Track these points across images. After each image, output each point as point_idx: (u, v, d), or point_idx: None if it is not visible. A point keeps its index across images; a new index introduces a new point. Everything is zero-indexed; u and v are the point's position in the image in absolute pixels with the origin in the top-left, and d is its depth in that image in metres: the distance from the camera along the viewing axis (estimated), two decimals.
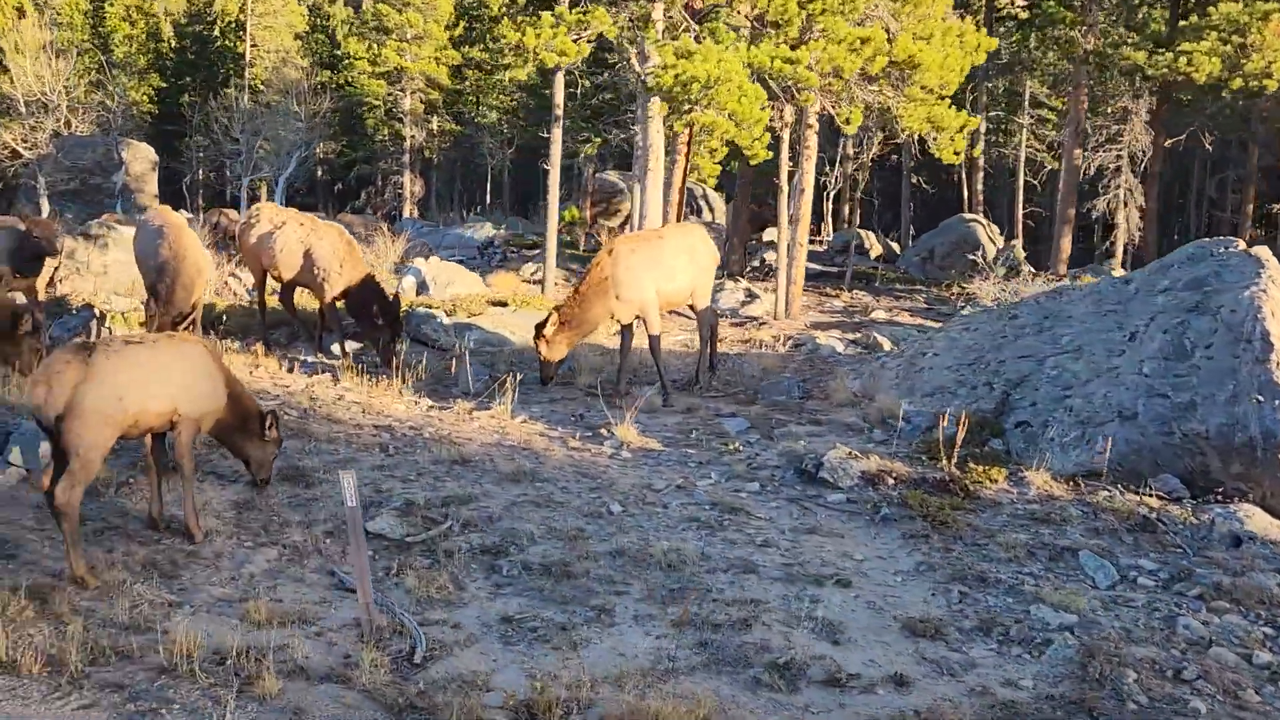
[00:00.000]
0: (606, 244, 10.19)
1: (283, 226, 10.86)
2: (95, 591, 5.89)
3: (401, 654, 5.29)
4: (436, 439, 8.69)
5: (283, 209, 11.53)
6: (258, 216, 11.18)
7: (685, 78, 11.14)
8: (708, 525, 6.95)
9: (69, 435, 5.85)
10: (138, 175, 34.78)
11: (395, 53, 41.76)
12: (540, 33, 11.44)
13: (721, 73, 11.37)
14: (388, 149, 44.70)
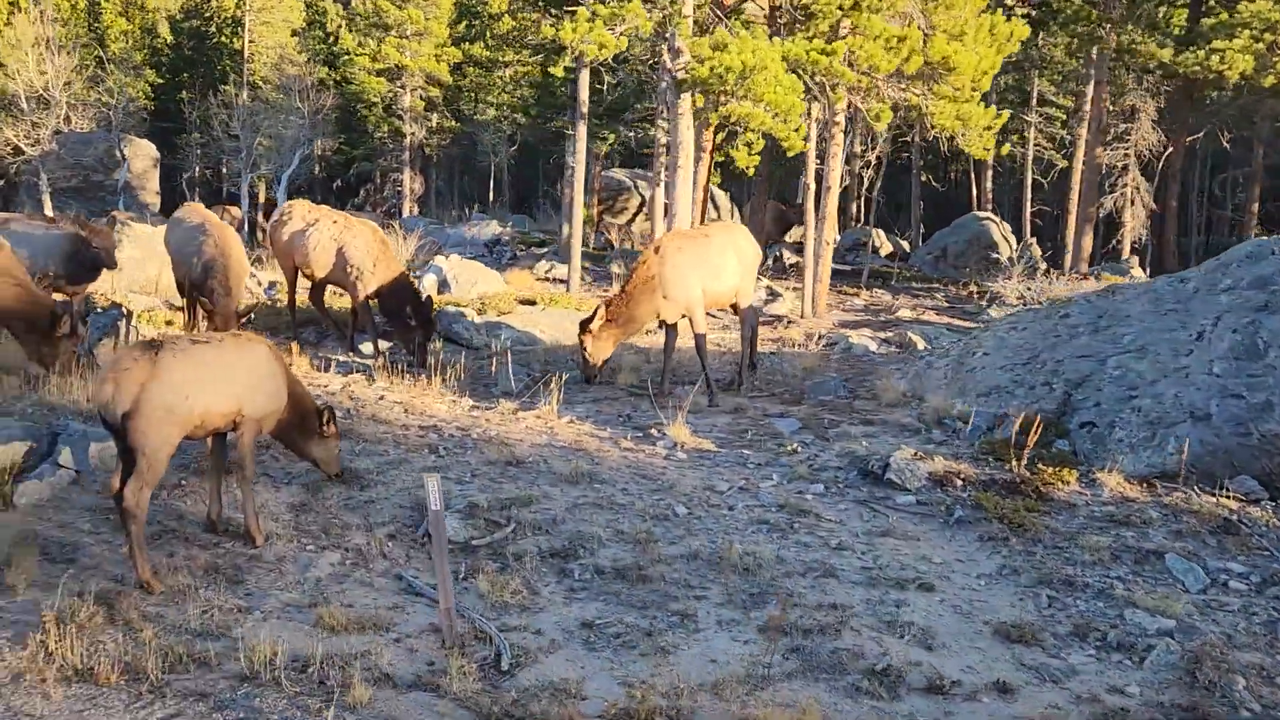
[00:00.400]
0: (653, 242, 10.10)
1: (315, 224, 10.73)
2: (160, 597, 5.80)
3: (487, 661, 5.19)
4: (486, 440, 8.59)
5: (315, 206, 11.40)
6: (290, 214, 11.05)
7: (720, 69, 11.04)
8: (777, 528, 6.86)
9: (135, 434, 5.75)
10: (139, 172, 34.65)
11: (396, 49, 41.64)
12: (577, 27, 11.34)
13: (757, 62, 11.27)
14: (387, 146, 44.58)
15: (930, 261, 28.76)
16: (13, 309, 8.30)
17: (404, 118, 42.00)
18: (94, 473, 7.28)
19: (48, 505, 6.81)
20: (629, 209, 35.58)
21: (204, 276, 9.27)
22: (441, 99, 44.08)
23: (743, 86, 11.07)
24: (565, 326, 13.76)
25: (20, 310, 8.32)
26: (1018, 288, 18.96)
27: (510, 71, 46.68)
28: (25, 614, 5.50)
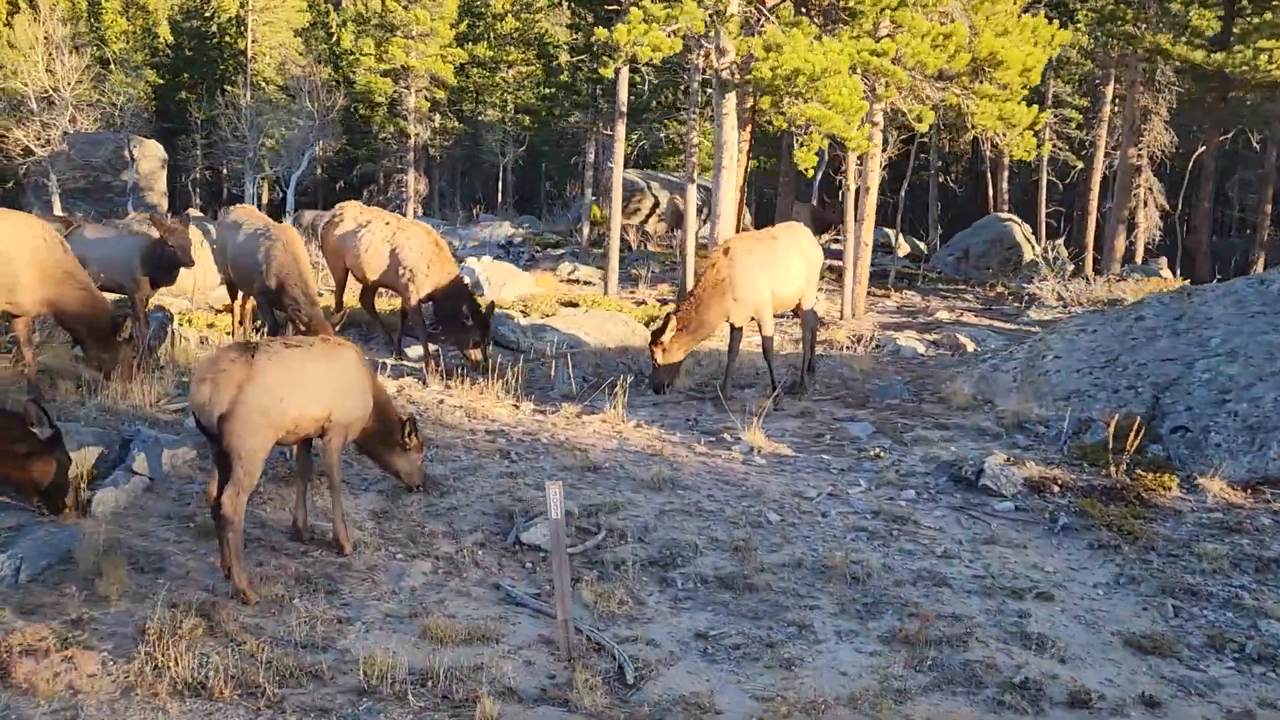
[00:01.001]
0: (722, 244, 9.98)
1: (368, 225, 10.59)
2: (256, 607, 5.68)
3: (609, 674, 5.07)
4: (557, 444, 8.48)
5: (366, 207, 11.26)
6: (341, 215, 10.90)
7: (785, 70, 10.95)
8: (877, 535, 6.75)
9: (231, 437, 5.64)
10: (147, 173, 34.54)
11: (402, 50, 41.62)
12: (631, 29, 11.25)
13: (829, 64, 11.19)
14: (391, 147, 44.54)
15: (951, 263, 28.71)
16: (76, 313, 8.18)
17: (408, 118, 41.95)
18: (168, 479, 7.17)
19: (125, 513, 6.68)
20: (642, 210, 35.49)
21: (280, 286, 9.09)
22: (446, 100, 44.07)
23: (812, 89, 10.96)
24: (609, 329, 13.66)
25: (84, 314, 8.20)
26: (1055, 289, 18.86)
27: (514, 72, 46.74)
28: (120, 625, 5.39)
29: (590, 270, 23.27)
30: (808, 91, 11.01)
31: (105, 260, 9.23)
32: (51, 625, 5.27)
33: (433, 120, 43.81)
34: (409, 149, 43.10)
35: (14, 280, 8.02)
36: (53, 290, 8.14)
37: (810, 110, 11.21)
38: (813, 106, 11.18)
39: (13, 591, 5.73)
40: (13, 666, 4.88)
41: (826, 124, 11.32)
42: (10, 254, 7.99)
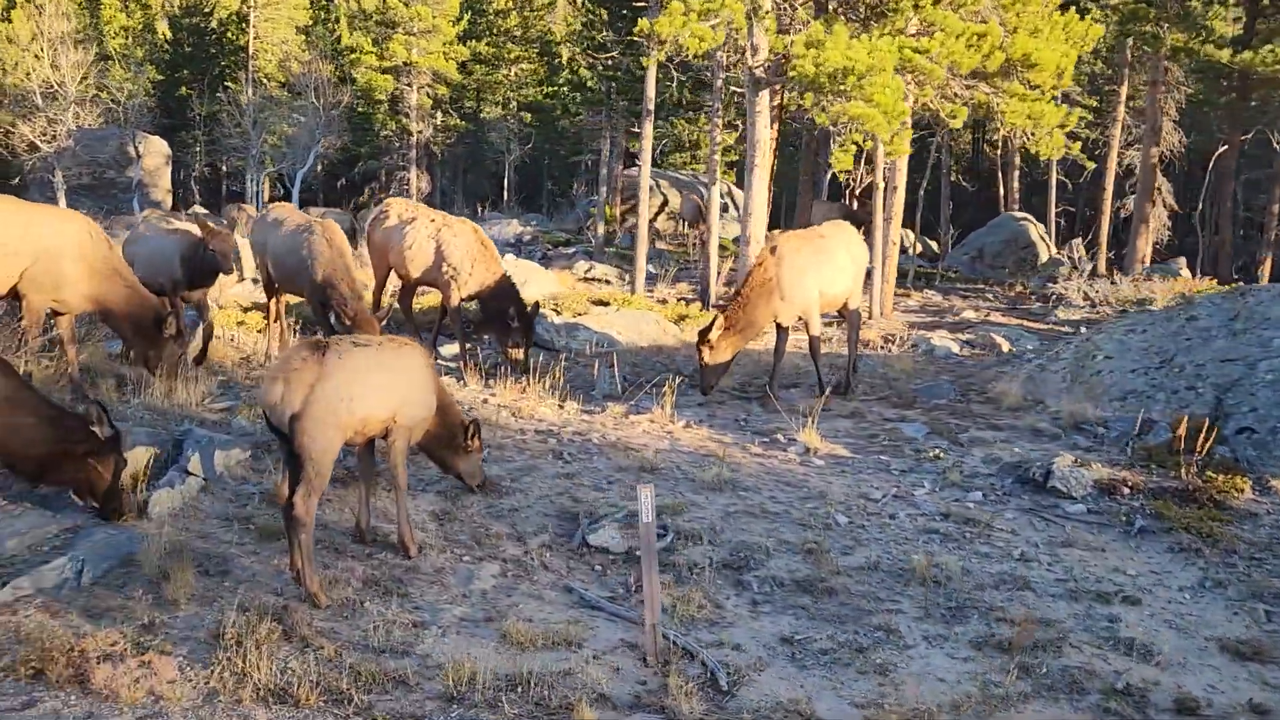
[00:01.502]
0: (769, 243, 9.90)
1: (413, 222, 10.49)
2: (327, 610, 5.59)
3: (702, 680, 4.98)
4: (609, 445, 8.39)
5: (412, 204, 11.16)
6: (387, 212, 10.79)
7: (830, 67, 10.86)
8: (950, 538, 6.68)
9: (303, 437, 5.54)
10: (151, 170, 34.44)
11: (403, 47, 41.55)
12: (672, 20, 11.16)
13: (875, 62, 11.11)
14: (393, 144, 44.46)
15: (967, 262, 28.68)
16: (122, 310, 8.10)
17: (410, 116, 41.87)
18: (222, 480, 7.08)
19: (182, 515, 6.59)
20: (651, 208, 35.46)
21: (326, 282, 8.98)
22: (448, 97, 44.00)
23: (858, 87, 10.88)
24: (641, 328, 13.59)
25: (129, 312, 8.11)
26: (1081, 289, 18.81)
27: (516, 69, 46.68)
28: (192, 629, 5.30)
29: (606, 268, 23.18)
30: (853, 90, 10.92)
31: (148, 259, 9.13)
32: (122, 630, 5.19)
33: (434, 118, 43.75)
34: (411, 146, 43.01)
35: (61, 277, 7.94)
36: (99, 287, 8.06)
37: (854, 109, 11.13)
38: (856, 105, 11.10)
39: (77, 594, 5.64)
40: (90, 672, 4.79)
41: (870, 123, 11.24)
42: (58, 250, 7.91)
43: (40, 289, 7.92)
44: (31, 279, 7.86)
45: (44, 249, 7.83)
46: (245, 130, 36.62)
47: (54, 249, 7.87)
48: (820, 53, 11.00)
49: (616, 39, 17.95)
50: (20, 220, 7.88)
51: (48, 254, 7.85)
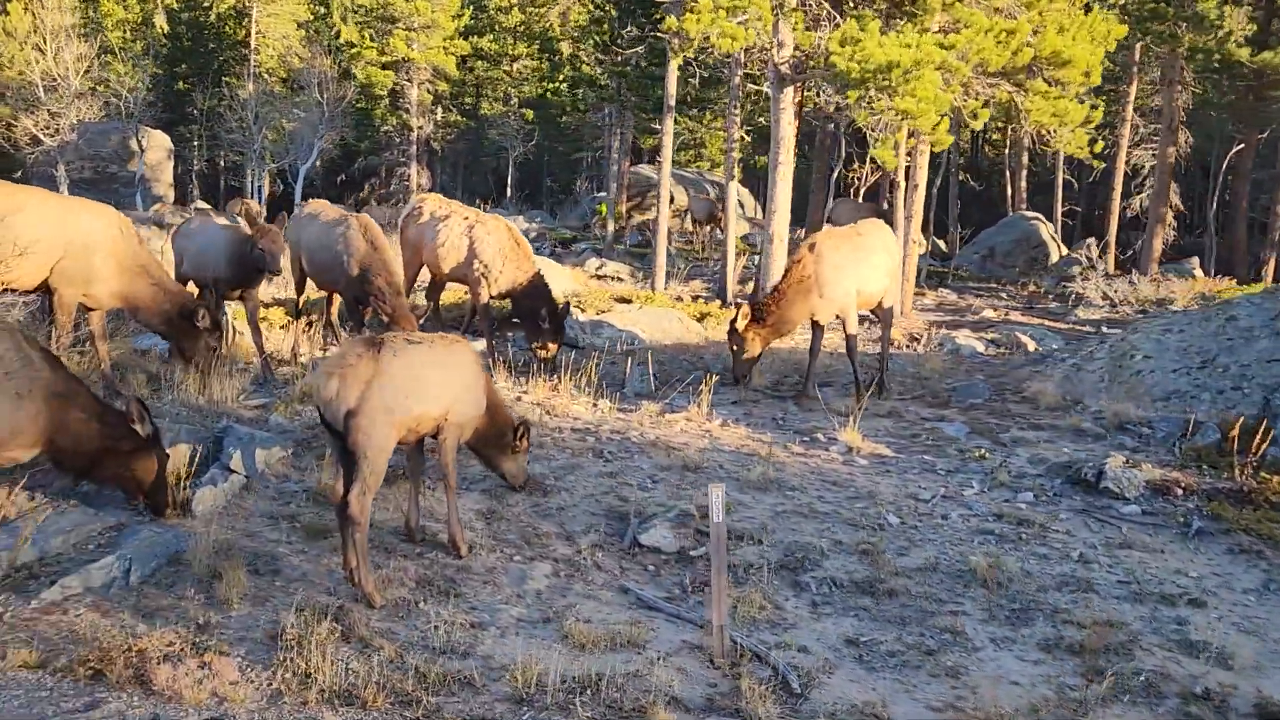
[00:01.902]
0: (807, 240, 9.84)
1: (447, 219, 10.41)
2: (382, 611, 5.52)
3: (772, 682, 4.93)
4: (649, 444, 8.33)
5: (447, 200, 11.08)
6: (421, 208, 10.71)
7: (872, 64, 10.80)
8: (1006, 539, 6.63)
9: (358, 434, 5.48)
10: (153, 164, 34.34)
11: (403, 42, 41.48)
12: (700, 18, 11.09)
13: (922, 57, 11.05)
14: (393, 140, 44.38)
15: (977, 261, 28.64)
16: (151, 307, 8.02)
17: (411, 111, 41.78)
18: (263, 478, 7.01)
19: (225, 513, 6.53)
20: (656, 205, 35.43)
21: (363, 276, 8.88)
22: (449, 93, 43.94)
23: (904, 83, 10.82)
24: (664, 326, 13.54)
25: (159, 309, 8.03)
26: (1100, 288, 18.77)
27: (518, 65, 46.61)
28: (247, 630, 5.25)
29: (617, 265, 23.12)
30: (899, 85, 10.86)
31: (197, 254, 9.01)
32: (177, 630, 5.12)
33: (435, 113, 43.67)
34: (411, 142, 42.92)
35: (91, 272, 7.86)
36: (127, 284, 7.98)
37: (901, 104, 11.07)
38: (903, 100, 11.04)
39: (126, 594, 5.58)
40: (150, 673, 4.73)
41: (918, 118, 11.18)
42: (91, 245, 7.83)
43: (71, 283, 7.84)
44: (63, 272, 7.79)
45: (75, 242, 7.76)
46: (247, 125, 36.50)
47: (88, 244, 7.80)
48: (856, 50, 10.93)
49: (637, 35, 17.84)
50: (54, 213, 7.81)
51: (79, 248, 7.78)
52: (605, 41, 23.75)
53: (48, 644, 4.97)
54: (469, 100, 46.57)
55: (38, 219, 7.66)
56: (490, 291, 10.25)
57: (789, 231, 14.92)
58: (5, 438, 5.07)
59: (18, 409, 5.08)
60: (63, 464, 5.63)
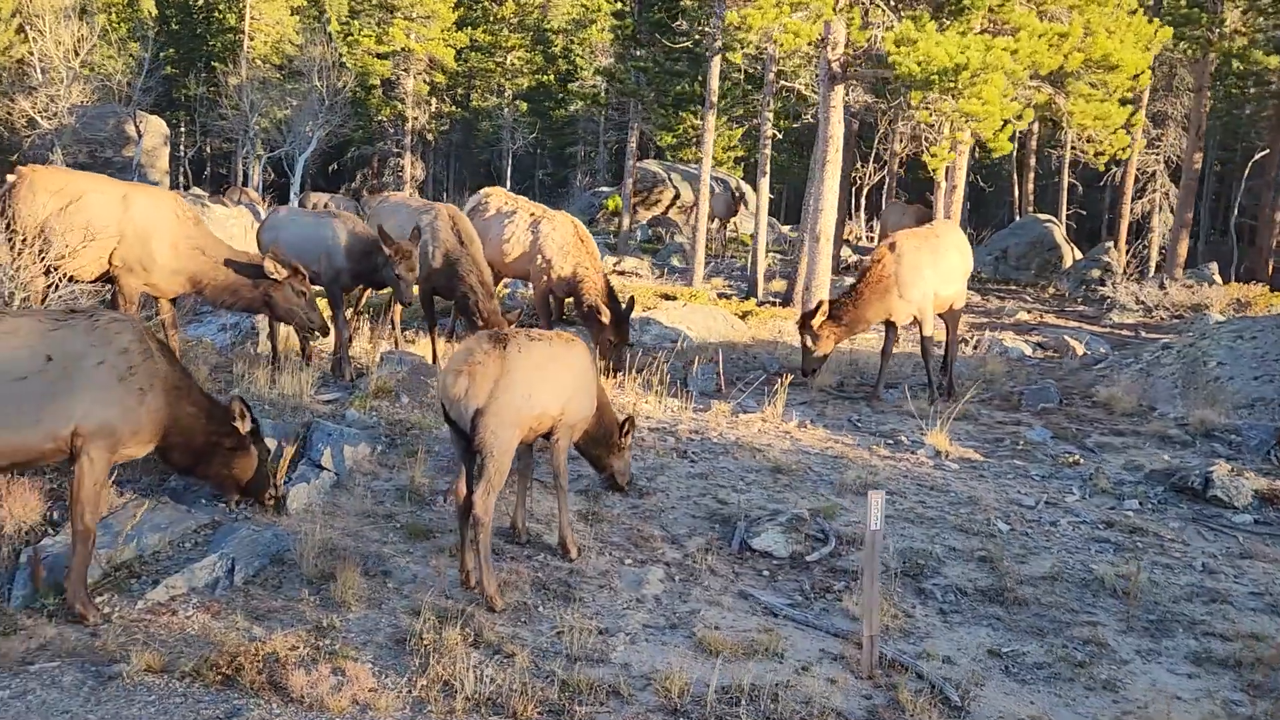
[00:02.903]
0: (887, 239, 9.74)
1: (513, 214, 10.24)
2: (504, 615, 5.39)
3: (928, 694, 4.82)
4: (732, 445, 8.22)
5: (513, 195, 10.91)
6: (486, 202, 10.51)
7: (935, 66, 10.72)
8: (1123, 548, 6.55)
9: (485, 433, 5.34)
10: (149, 149, 33.89)
11: (402, 32, 41.22)
12: (764, 12, 10.96)
13: (991, 60, 11.00)
14: (387, 130, 44.10)
15: (990, 262, 28.64)
16: (219, 285, 7.80)
17: (406, 101, 41.50)
18: (353, 475, 6.85)
19: (319, 511, 6.36)
20: (663, 201, 35.41)
21: (450, 274, 8.61)
22: (445, 84, 43.72)
23: (970, 85, 10.75)
24: (710, 324, 13.44)
25: (227, 286, 7.79)
26: (1133, 293, 18.81)
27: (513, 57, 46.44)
28: (368, 634, 5.10)
29: (635, 261, 23.00)
30: (965, 87, 10.80)
31: (297, 245, 8.60)
32: (298, 633, 4.97)
33: (430, 104, 43.41)
34: (406, 133, 42.65)
35: (150, 260, 7.66)
36: (188, 266, 7.77)
37: (966, 106, 11.01)
38: (969, 102, 10.98)
39: (233, 594, 5.42)
40: (285, 678, 4.58)
41: (986, 121, 11.13)
42: (148, 231, 7.64)
43: (131, 271, 7.66)
44: (123, 261, 7.60)
45: (132, 229, 7.56)
46: (243, 113, 36.11)
47: (145, 230, 7.60)
48: (913, 50, 10.86)
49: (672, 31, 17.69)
50: (111, 199, 7.61)
51: (137, 235, 7.58)
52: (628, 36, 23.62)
53: (164, 646, 4.82)
54: (462, 91, 46.36)
55: (96, 207, 7.47)
56: (549, 284, 10.09)
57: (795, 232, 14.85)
58: (126, 435, 4.90)
59: (140, 404, 4.91)
60: (172, 459, 5.47)
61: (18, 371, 4.30)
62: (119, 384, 4.78)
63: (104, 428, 4.74)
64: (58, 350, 4.48)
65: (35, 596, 5.17)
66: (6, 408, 4.27)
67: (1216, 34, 20.78)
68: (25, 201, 7.27)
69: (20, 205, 7.26)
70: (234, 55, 39.74)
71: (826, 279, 13.99)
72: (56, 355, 4.46)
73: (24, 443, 4.40)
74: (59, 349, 4.49)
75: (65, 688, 4.45)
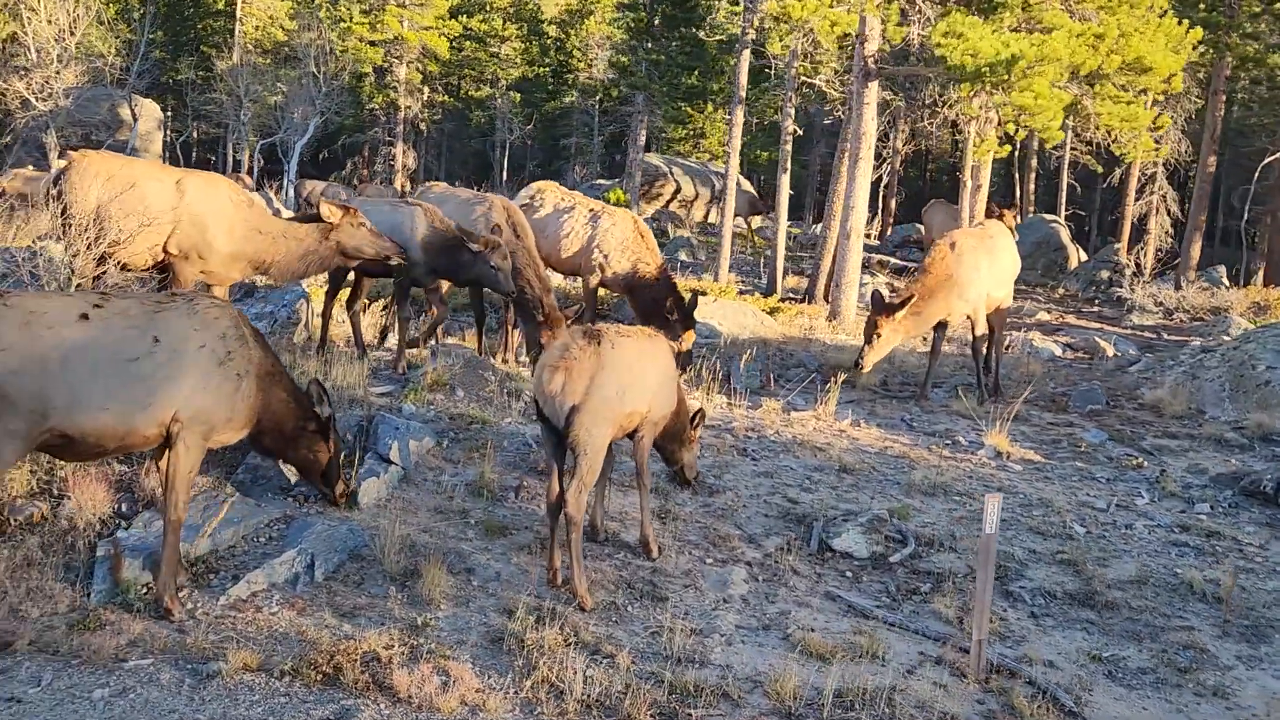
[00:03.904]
0: (946, 238, 9.69)
1: (572, 210, 10.12)
2: (593, 614, 5.32)
3: (1040, 699, 4.78)
4: (792, 443, 8.18)
5: (567, 190, 10.75)
6: (541, 198, 10.33)
7: (984, 59, 10.69)
8: (1204, 552, 6.55)
9: (579, 430, 5.27)
10: (143, 133, 33.58)
11: (396, 20, 40.95)
12: (805, 4, 10.90)
13: (1048, 53, 10.99)
14: (378, 118, 43.81)
15: None
16: (282, 261, 7.67)
17: (399, 90, 41.23)
18: (419, 470, 6.76)
19: (390, 506, 6.28)
20: (664, 194, 35.37)
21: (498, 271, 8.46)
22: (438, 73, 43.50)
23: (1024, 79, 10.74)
24: (740, 320, 13.37)
25: (290, 257, 7.66)
26: (1152, 294, 18.90)
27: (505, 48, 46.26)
28: (460, 633, 5.04)
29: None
30: (1019, 81, 10.79)
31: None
32: (391, 632, 4.88)
33: (423, 93, 43.17)
34: (398, 121, 42.36)
35: (208, 247, 7.53)
36: (245, 250, 7.64)
37: (1020, 100, 11.00)
38: (1024, 96, 10.97)
39: (315, 591, 5.34)
40: (390, 678, 4.50)
41: (1040, 115, 11.13)
42: (204, 216, 7.49)
43: (187, 258, 7.51)
44: (178, 248, 7.46)
45: (188, 215, 7.42)
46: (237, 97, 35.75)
47: (200, 216, 7.45)
48: (964, 43, 10.83)
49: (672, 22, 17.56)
50: (166, 184, 7.47)
51: (193, 221, 7.44)
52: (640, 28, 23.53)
53: (256, 644, 4.73)
54: (454, 81, 46.15)
55: (150, 193, 7.32)
56: (600, 278, 9.99)
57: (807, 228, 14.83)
58: (221, 421, 4.80)
59: (237, 391, 4.81)
60: (262, 444, 5.38)
61: (131, 352, 4.20)
62: (218, 369, 4.68)
63: (201, 413, 4.65)
64: (164, 333, 4.38)
65: (116, 591, 5.06)
66: (119, 388, 4.17)
67: (1234, 36, 20.91)
68: (77, 188, 7.12)
69: (73, 191, 7.10)
70: (226, 39, 39.34)
71: (857, 276, 13.97)
72: (163, 338, 4.36)
73: (130, 426, 4.29)
74: (165, 331, 4.39)
75: (165, 686, 4.36)
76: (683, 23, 23.05)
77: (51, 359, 3.82)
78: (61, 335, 3.87)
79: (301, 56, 36.93)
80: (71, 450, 4.20)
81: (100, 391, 4.04)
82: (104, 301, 4.16)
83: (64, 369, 3.88)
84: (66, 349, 3.87)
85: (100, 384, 4.04)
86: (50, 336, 3.83)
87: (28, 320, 3.78)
